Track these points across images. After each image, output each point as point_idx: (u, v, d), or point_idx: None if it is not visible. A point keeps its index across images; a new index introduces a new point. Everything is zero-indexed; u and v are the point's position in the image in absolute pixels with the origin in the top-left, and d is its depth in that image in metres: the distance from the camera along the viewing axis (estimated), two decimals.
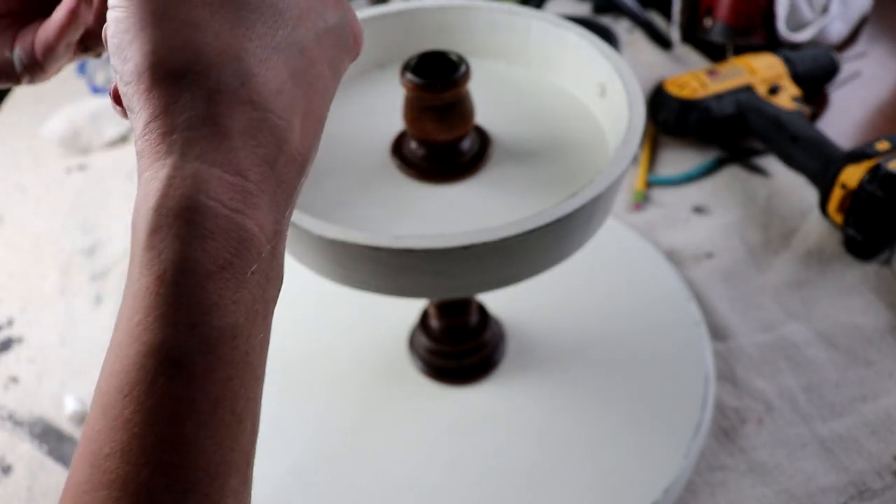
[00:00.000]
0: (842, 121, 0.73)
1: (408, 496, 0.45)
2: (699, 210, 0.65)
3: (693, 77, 0.70)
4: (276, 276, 0.23)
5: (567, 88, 0.43)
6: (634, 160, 0.63)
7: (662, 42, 0.84)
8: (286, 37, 0.23)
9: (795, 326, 0.55)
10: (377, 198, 0.38)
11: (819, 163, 0.60)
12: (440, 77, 0.36)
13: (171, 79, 0.21)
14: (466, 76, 0.36)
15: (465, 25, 0.44)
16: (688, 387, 0.49)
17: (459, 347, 0.50)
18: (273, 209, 0.22)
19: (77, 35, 0.31)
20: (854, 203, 0.56)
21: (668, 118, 0.70)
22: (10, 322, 0.61)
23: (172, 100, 0.21)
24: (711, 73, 0.70)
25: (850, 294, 0.57)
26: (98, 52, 0.32)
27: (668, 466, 0.45)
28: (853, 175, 0.56)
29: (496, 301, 0.54)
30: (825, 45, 0.80)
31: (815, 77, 0.74)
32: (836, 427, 0.48)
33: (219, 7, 0.22)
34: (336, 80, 0.26)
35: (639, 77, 0.39)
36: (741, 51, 0.77)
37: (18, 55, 0.31)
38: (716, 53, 0.82)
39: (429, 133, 0.37)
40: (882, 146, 0.57)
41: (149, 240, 0.20)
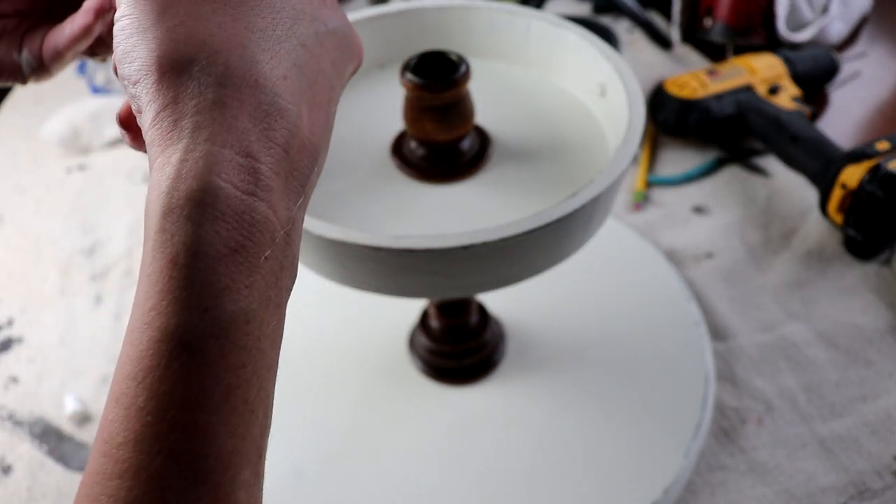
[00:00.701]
0: (842, 121, 0.73)
1: (407, 496, 0.45)
2: (699, 210, 0.65)
3: (693, 77, 0.70)
4: (291, 266, 0.23)
5: (567, 88, 0.43)
6: (634, 160, 0.63)
7: (662, 42, 0.84)
8: (286, 31, 0.23)
9: (795, 326, 0.55)
10: (377, 198, 0.38)
11: (819, 163, 0.60)
12: (440, 77, 0.36)
13: (178, 69, 0.21)
14: (466, 76, 0.36)
15: (465, 25, 0.44)
16: (688, 387, 0.49)
17: (459, 347, 0.50)
18: (286, 195, 0.22)
19: (87, 45, 0.31)
20: (854, 203, 0.56)
21: (668, 118, 0.70)
22: (10, 322, 0.61)
23: (181, 89, 0.21)
24: (711, 73, 0.70)
25: (851, 294, 0.57)
26: (104, 57, 0.33)
27: (668, 466, 0.45)
28: (853, 175, 0.56)
29: (496, 301, 0.54)
30: (825, 45, 0.80)
31: (816, 77, 0.74)
32: (836, 427, 0.48)
33: (220, 4, 0.22)
34: (340, 82, 0.26)
35: (639, 77, 0.39)
36: (741, 51, 0.77)
37: (27, 58, 0.31)
38: (716, 53, 0.82)
39: (429, 133, 0.37)
40: (882, 146, 0.57)
41: (161, 223, 0.20)
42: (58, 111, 0.79)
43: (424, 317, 0.52)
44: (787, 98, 0.68)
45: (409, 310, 0.54)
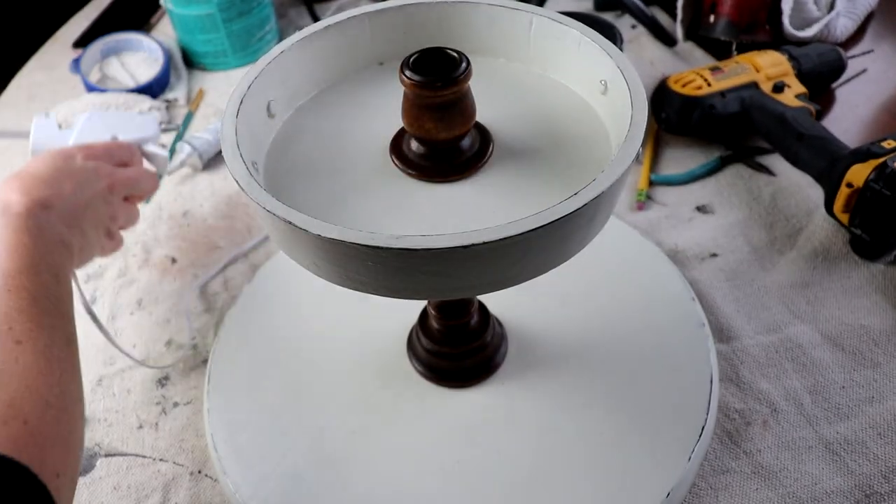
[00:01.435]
0: (847, 119, 0.73)
1: (407, 500, 0.45)
2: (703, 209, 0.65)
3: (697, 74, 0.69)
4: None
5: (569, 85, 0.43)
6: (637, 159, 0.63)
7: (666, 39, 0.84)
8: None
9: (801, 327, 0.54)
10: (376, 197, 0.37)
11: (824, 161, 0.59)
12: (440, 74, 0.35)
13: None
14: (467, 74, 0.35)
15: (466, 21, 0.44)
16: (691, 388, 0.49)
17: (460, 349, 0.50)
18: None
19: None
20: (860, 202, 0.55)
21: (672, 116, 0.69)
22: None
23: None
24: (715, 71, 0.69)
25: (857, 295, 0.56)
26: None
27: (672, 469, 0.44)
28: (859, 174, 0.55)
29: (497, 302, 0.53)
30: (831, 42, 0.79)
31: (821, 74, 0.73)
32: (843, 430, 0.48)
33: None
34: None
35: (642, 74, 0.38)
36: (746, 48, 0.76)
37: None
38: (720, 50, 0.81)
39: (429, 131, 0.37)
40: (888, 144, 0.56)
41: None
42: (52, 109, 0.78)
43: (424, 318, 0.51)
44: (792, 96, 0.67)
45: (409, 311, 0.53)
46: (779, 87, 0.68)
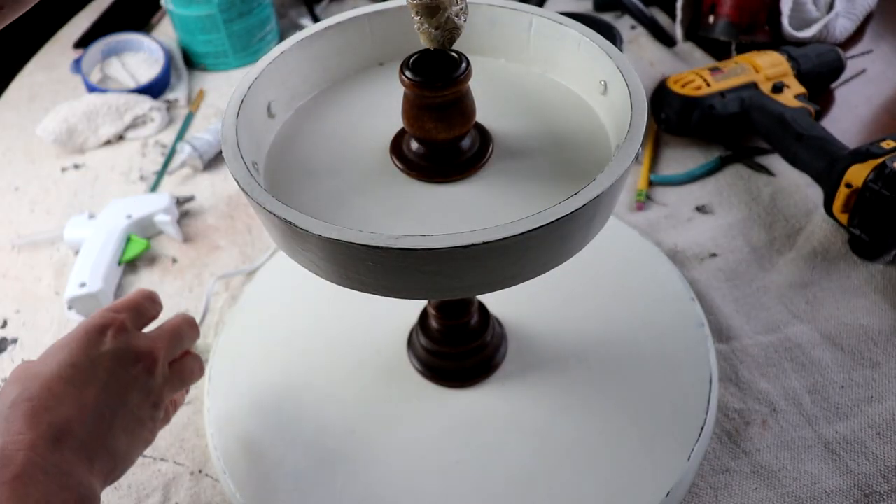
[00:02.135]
0: (847, 119, 0.73)
1: (407, 499, 0.45)
2: (702, 209, 0.65)
3: (696, 75, 0.69)
4: None
5: (569, 86, 0.43)
6: (636, 159, 0.63)
7: (665, 39, 0.84)
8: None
9: (800, 327, 0.54)
10: (376, 197, 0.37)
11: (824, 161, 0.59)
12: (440, 75, 0.35)
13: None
14: (467, 74, 0.36)
15: (466, 22, 0.44)
16: (691, 388, 0.49)
17: (460, 349, 0.50)
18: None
19: None
20: (859, 202, 0.55)
21: (671, 116, 0.69)
22: (5, 323, 0.60)
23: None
24: (715, 71, 0.69)
25: (856, 294, 0.56)
26: None
27: (671, 469, 0.44)
28: (858, 174, 0.55)
29: (497, 302, 0.53)
30: (830, 43, 0.79)
31: (820, 75, 0.73)
32: (842, 429, 0.48)
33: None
34: None
35: (641, 75, 0.38)
36: (745, 48, 0.77)
37: None
38: (719, 51, 0.81)
39: (429, 132, 0.37)
40: (888, 144, 0.56)
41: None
42: (53, 109, 0.78)
43: (424, 318, 0.51)
44: (792, 96, 0.67)
45: (409, 310, 0.54)
46: (778, 88, 0.68)
